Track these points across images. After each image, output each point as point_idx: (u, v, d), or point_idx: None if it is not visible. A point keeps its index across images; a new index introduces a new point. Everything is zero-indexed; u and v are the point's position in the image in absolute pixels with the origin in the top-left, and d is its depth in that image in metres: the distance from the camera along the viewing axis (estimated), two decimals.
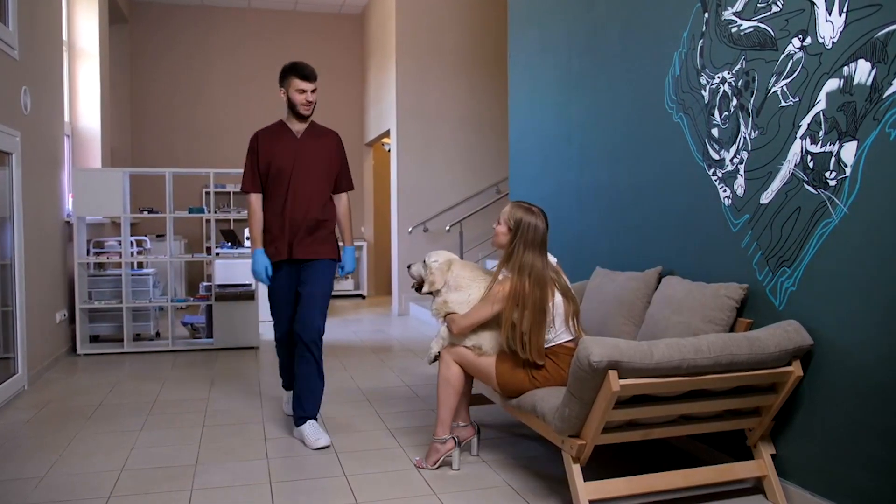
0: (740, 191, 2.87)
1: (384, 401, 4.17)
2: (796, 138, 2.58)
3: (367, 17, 9.55)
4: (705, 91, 3.08)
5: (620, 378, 2.30)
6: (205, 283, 6.32)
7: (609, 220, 3.88)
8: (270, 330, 4.03)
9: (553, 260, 3.01)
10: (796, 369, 2.51)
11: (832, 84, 2.43)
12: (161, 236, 7.70)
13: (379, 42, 8.86)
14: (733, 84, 2.91)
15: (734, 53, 2.90)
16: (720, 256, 2.98)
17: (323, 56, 9.50)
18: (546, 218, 2.96)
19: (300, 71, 3.46)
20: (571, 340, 2.90)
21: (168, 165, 8.64)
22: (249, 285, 6.01)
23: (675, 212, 3.29)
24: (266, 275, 3.47)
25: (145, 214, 6.20)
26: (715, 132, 3.02)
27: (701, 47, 3.10)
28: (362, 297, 9.75)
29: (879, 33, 2.25)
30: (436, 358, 3.12)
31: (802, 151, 2.56)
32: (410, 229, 7.96)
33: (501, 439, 3.43)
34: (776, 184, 2.68)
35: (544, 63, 4.63)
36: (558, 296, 2.89)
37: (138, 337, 6.17)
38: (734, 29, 2.90)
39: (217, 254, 6.07)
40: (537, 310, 2.81)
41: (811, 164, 2.52)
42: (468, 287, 3.04)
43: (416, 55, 8.02)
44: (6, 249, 4.43)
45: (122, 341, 5.78)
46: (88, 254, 5.92)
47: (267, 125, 3.62)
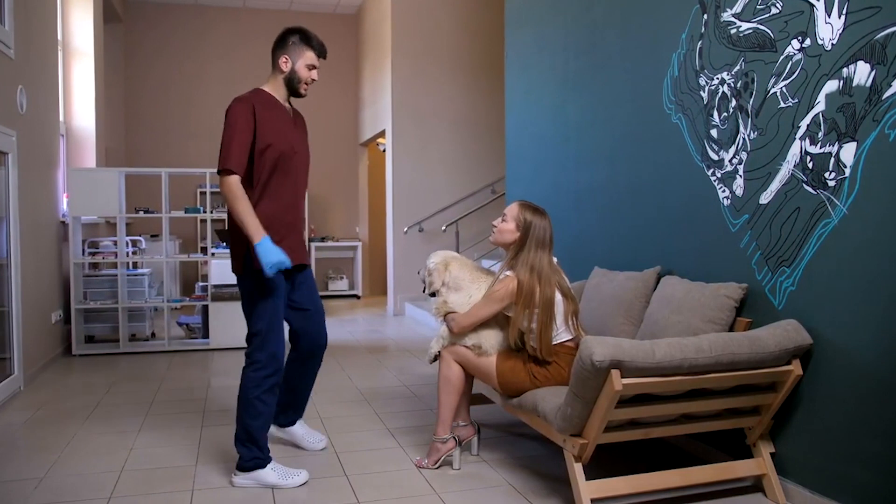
0: (739, 191, 2.89)
1: (383, 401, 4.17)
2: (796, 139, 2.60)
3: (362, 18, 9.55)
4: (704, 92, 3.10)
5: (623, 377, 2.31)
6: (201, 284, 6.30)
7: (607, 221, 3.89)
8: None
9: (553, 260, 3.03)
10: (796, 368, 2.53)
11: (831, 85, 2.45)
12: (155, 236, 7.67)
13: (374, 42, 8.86)
14: (732, 85, 2.93)
15: (733, 55, 2.92)
16: (719, 256, 3.00)
17: None
18: (550, 219, 2.99)
19: (318, 45, 2.98)
20: (571, 340, 2.92)
21: (162, 165, 8.61)
22: None
23: (674, 212, 3.30)
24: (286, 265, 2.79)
25: (141, 214, 6.17)
26: (714, 133, 3.04)
27: (700, 49, 3.12)
28: (357, 298, 9.74)
29: (879, 35, 2.27)
30: (436, 357, 3.12)
31: (802, 152, 2.58)
32: (406, 229, 7.96)
33: (501, 439, 3.43)
34: (775, 184, 2.70)
35: (541, 63, 4.64)
36: (559, 295, 2.91)
37: (133, 337, 6.14)
38: (733, 30, 2.92)
39: (213, 254, 6.05)
40: (547, 307, 2.83)
41: (810, 165, 2.54)
42: (468, 288, 3.04)
43: (412, 55, 8.02)
44: (2, 249, 4.40)
45: (118, 342, 5.76)
46: (83, 254, 5.90)
47: (247, 92, 2.94)
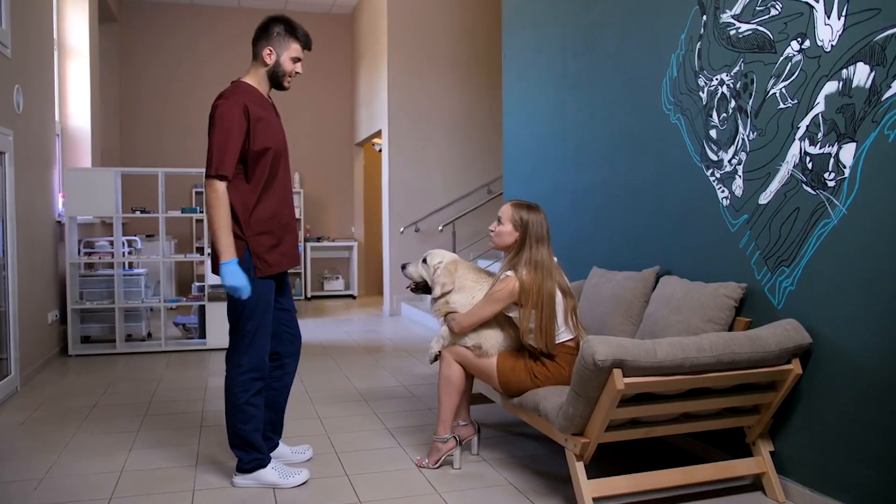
0: (739, 191, 2.90)
1: (381, 401, 4.17)
2: (795, 140, 2.62)
3: (358, 17, 9.54)
4: (703, 93, 3.11)
5: (625, 376, 2.32)
6: (197, 284, 6.29)
7: (605, 221, 3.91)
8: None
9: (553, 259, 3.03)
10: (796, 367, 2.54)
11: (831, 86, 2.47)
12: (151, 236, 7.65)
13: (370, 42, 8.85)
14: (732, 86, 2.94)
15: (732, 56, 2.93)
16: (718, 256, 3.02)
17: (312, 55, 9.30)
18: (544, 212, 2.99)
19: (303, 36, 2.84)
20: (571, 339, 2.93)
21: (157, 165, 8.58)
22: None
23: (673, 212, 3.32)
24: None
25: (137, 214, 6.15)
26: (713, 133, 3.06)
27: (699, 49, 3.14)
28: (353, 298, 9.74)
29: (878, 37, 2.29)
30: (436, 357, 3.13)
31: (801, 153, 2.59)
32: (402, 229, 7.96)
33: (501, 438, 3.44)
34: (775, 184, 2.72)
35: (539, 64, 4.65)
36: (558, 293, 2.92)
37: (130, 338, 6.12)
38: (732, 31, 2.93)
39: (209, 254, 6.02)
40: (549, 301, 2.84)
41: (810, 166, 2.56)
42: (472, 289, 3.05)
43: (408, 55, 8.02)
44: None
45: (114, 342, 5.74)
46: (79, 254, 5.88)
47: (231, 88, 2.79)
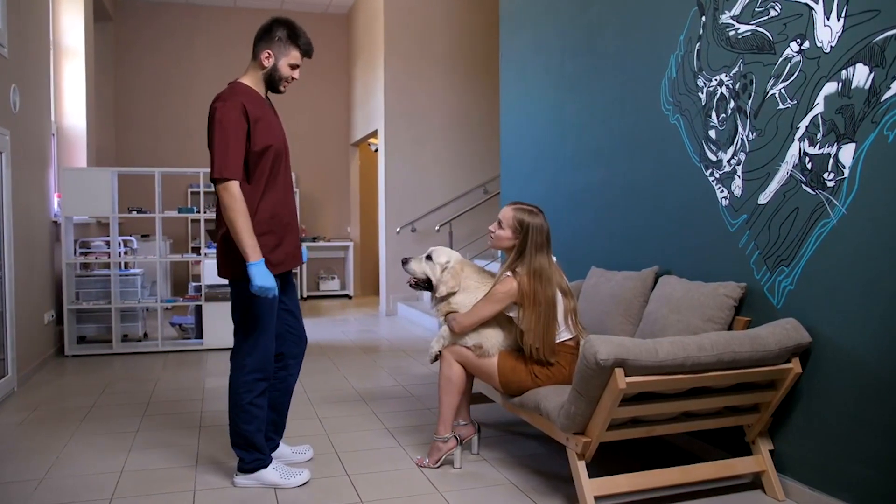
0: (738, 191, 2.92)
1: (380, 401, 4.17)
2: (794, 140, 2.64)
3: (354, 18, 9.53)
4: (702, 93, 3.13)
5: (626, 376, 2.33)
6: (194, 284, 6.28)
7: (604, 221, 3.92)
8: None
9: (553, 259, 3.04)
10: (795, 366, 2.56)
11: (830, 87, 2.49)
12: (146, 236, 7.62)
13: (366, 42, 8.85)
14: (731, 86, 2.96)
15: (732, 56, 2.95)
16: (717, 256, 3.03)
17: None
18: (545, 215, 2.99)
19: (305, 44, 2.83)
20: (571, 339, 2.94)
21: (152, 165, 8.55)
22: None
23: (672, 212, 3.33)
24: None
25: (134, 214, 6.14)
26: (712, 133, 3.07)
27: (698, 50, 3.15)
28: (349, 298, 9.73)
29: (878, 38, 2.31)
30: (437, 357, 3.13)
31: (801, 153, 2.61)
32: (398, 229, 7.96)
33: (501, 438, 3.45)
34: (774, 184, 2.73)
35: (537, 64, 4.66)
36: (558, 294, 2.92)
37: (126, 338, 6.11)
38: (732, 32, 2.95)
39: (205, 254, 6.02)
40: (549, 308, 2.85)
41: (809, 166, 2.57)
42: (475, 290, 3.05)
43: (404, 55, 8.02)
44: None
45: (110, 342, 5.73)
46: (75, 254, 5.86)
47: (229, 89, 2.84)
